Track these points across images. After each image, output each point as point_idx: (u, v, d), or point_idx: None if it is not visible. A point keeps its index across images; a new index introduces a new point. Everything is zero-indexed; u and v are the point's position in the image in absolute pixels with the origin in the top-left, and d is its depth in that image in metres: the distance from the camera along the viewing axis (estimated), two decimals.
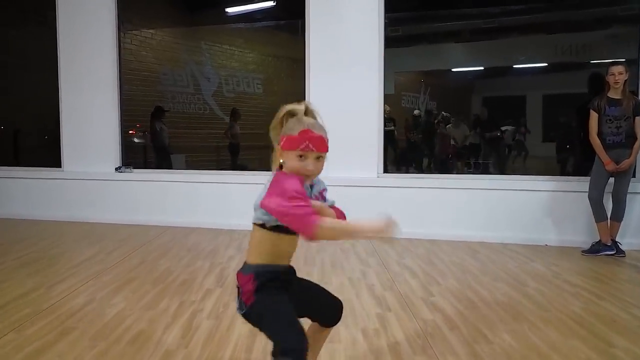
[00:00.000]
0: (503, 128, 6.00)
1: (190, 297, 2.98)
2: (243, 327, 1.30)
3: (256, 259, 1.55)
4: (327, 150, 1.53)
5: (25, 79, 6.70)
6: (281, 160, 1.53)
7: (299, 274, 1.69)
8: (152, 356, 2.16)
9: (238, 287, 1.56)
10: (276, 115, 1.56)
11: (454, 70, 6.59)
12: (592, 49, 5.65)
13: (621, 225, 4.17)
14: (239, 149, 6.68)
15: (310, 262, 3.83)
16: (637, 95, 4.37)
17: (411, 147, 6.40)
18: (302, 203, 1.38)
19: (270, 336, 1.50)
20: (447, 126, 6.21)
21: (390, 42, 5.29)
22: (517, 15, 5.65)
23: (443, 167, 6.42)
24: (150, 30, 6.85)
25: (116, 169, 5.66)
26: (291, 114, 1.55)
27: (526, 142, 6.10)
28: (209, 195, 5.26)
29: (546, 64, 5.98)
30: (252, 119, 6.97)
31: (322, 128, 1.54)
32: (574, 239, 4.49)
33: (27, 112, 6.83)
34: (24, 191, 5.86)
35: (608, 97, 4.09)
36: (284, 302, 1.52)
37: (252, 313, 1.53)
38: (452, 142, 6.11)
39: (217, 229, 4.99)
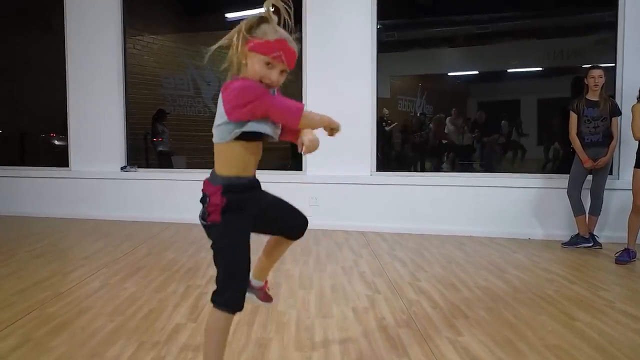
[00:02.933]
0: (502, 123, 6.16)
1: (196, 282, 3.24)
2: (246, 305, 1.48)
3: (224, 170, 1.58)
4: (293, 67, 1.57)
5: (30, 82, 6.93)
6: (243, 62, 1.54)
7: (297, 264, 1.95)
8: (164, 328, 2.41)
9: (204, 194, 1.58)
10: (244, 23, 1.54)
11: (449, 74, 6.78)
12: (581, 54, 5.88)
13: (599, 219, 4.44)
14: None
15: (307, 253, 4.09)
16: (614, 98, 4.64)
17: (408, 146, 6.58)
18: (282, 97, 1.53)
19: (217, 268, 1.59)
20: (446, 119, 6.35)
21: (386, 46, 5.55)
22: (510, 21, 5.87)
23: (438, 165, 6.58)
24: (152, 35, 7.09)
25: (121, 168, 5.92)
26: (264, 20, 1.53)
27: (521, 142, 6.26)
28: None
29: (541, 68, 6.12)
30: None
31: (295, 45, 1.55)
32: (556, 233, 4.76)
33: (32, 114, 7.06)
34: (33, 190, 6.12)
35: (587, 99, 4.37)
36: (243, 240, 1.59)
37: (211, 232, 1.59)
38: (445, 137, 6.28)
39: None
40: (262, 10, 1.53)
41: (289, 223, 1.78)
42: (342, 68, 5.30)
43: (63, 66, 6.08)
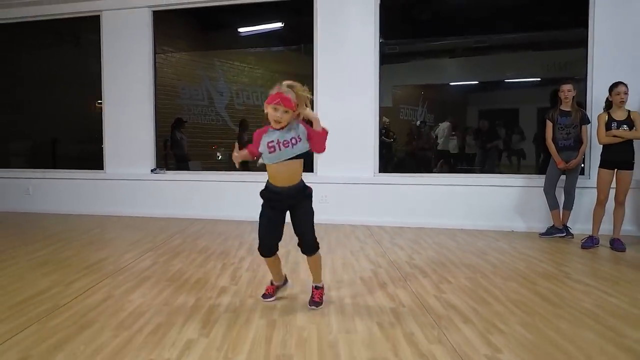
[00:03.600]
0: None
1: (230, 261, 3.94)
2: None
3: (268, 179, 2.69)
4: (291, 107, 2.47)
5: (60, 93, 7.58)
6: (266, 111, 2.50)
7: None
8: (214, 287, 3.11)
9: None
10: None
11: (450, 84, 7.24)
12: (572, 66, 6.44)
13: (572, 214, 5.12)
14: None
15: (320, 239, 4.77)
16: (585, 107, 5.33)
17: (409, 153, 7.19)
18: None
19: None
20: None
21: (388, 58, 6.21)
22: (506, 34, 6.37)
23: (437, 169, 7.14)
24: (171, 50, 7.77)
25: (151, 170, 6.63)
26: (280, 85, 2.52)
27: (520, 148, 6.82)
28: (231, 192, 6.22)
29: (538, 79, 6.55)
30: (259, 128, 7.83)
31: (291, 93, 2.46)
32: (536, 226, 5.44)
33: (63, 122, 7.75)
34: (71, 190, 6.84)
35: (560, 109, 5.06)
36: (264, 216, 2.68)
37: None
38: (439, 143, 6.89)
39: (239, 220, 5.93)
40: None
41: (298, 235, 2.71)
42: (348, 80, 6.01)
43: (88, 78, 6.84)
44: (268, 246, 2.73)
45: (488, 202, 5.66)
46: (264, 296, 2.92)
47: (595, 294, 3.06)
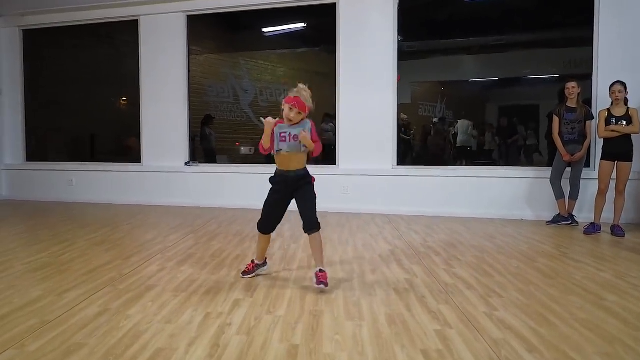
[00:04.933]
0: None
1: None
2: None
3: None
4: (304, 110, 2.90)
5: (96, 91, 8.12)
6: (282, 107, 2.92)
7: (334, 232, 3.14)
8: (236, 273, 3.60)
9: None
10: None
11: (470, 80, 7.48)
12: (589, 63, 6.67)
13: (577, 203, 5.50)
14: None
15: (341, 225, 5.26)
16: (590, 104, 5.69)
17: (427, 148, 7.54)
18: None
19: None
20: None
21: (407, 55, 6.58)
22: (524, 32, 6.66)
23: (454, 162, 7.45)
24: (199, 49, 8.23)
25: (185, 163, 7.17)
26: (296, 87, 2.95)
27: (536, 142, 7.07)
28: (259, 182, 6.67)
29: (557, 75, 6.65)
30: None
31: (305, 98, 2.88)
32: (544, 214, 5.82)
33: (101, 119, 8.29)
34: (110, 181, 7.44)
35: (566, 105, 5.43)
36: (270, 199, 3.11)
37: None
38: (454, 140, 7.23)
39: None
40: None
41: (301, 215, 3.01)
42: (368, 78, 6.45)
43: (124, 77, 7.44)
44: (269, 224, 3.17)
45: (499, 193, 6.05)
46: (244, 273, 3.23)
47: (587, 270, 3.47)
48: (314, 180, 3.08)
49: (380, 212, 6.31)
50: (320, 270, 2.94)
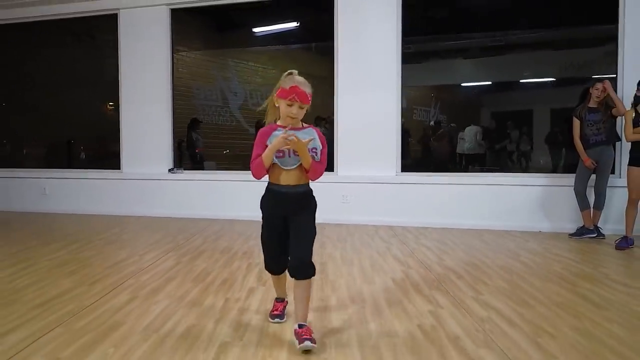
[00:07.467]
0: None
1: (255, 261, 3.83)
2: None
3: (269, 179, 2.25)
4: (308, 103, 2.17)
5: (72, 94, 7.46)
6: (276, 105, 2.19)
7: (336, 249, 2.52)
8: (242, 289, 3.00)
9: None
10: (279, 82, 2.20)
11: (462, 85, 7.16)
12: (592, 65, 6.32)
13: (602, 214, 4.96)
14: None
15: (342, 240, 4.67)
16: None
17: (424, 152, 7.09)
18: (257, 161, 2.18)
19: None
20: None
21: (403, 57, 6.04)
22: (522, 33, 6.30)
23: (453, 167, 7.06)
24: (186, 49, 7.69)
25: (169, 170, 6.55)
26: (290, 74, 2.20)
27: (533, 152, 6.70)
28: (247, 192, 6.08)
29: (554, 79, 6.46)
30: None
31: (307, 86, 2.15)
32: (564, 226, 5.28)
33: (78, 123, 7.65)
34: (87, 190, 6.78)
35: (588, 106, 4.91)
36: (266, 231, 2.33)
37: None
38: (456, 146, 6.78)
39: (256, 220, 5.81)
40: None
41: (291, 252, 2.21)
42: (369, 79, 5.89)
43: (104, 77, 6.85)
44: (276, 262, 2.36)
45: (512, 202, 5.51)
46: (274, 316, 2.49)
47: None
48: (316, 205, 2.34)
49: (384, 223, 5.72)
50: (300, 326, 2.17)
